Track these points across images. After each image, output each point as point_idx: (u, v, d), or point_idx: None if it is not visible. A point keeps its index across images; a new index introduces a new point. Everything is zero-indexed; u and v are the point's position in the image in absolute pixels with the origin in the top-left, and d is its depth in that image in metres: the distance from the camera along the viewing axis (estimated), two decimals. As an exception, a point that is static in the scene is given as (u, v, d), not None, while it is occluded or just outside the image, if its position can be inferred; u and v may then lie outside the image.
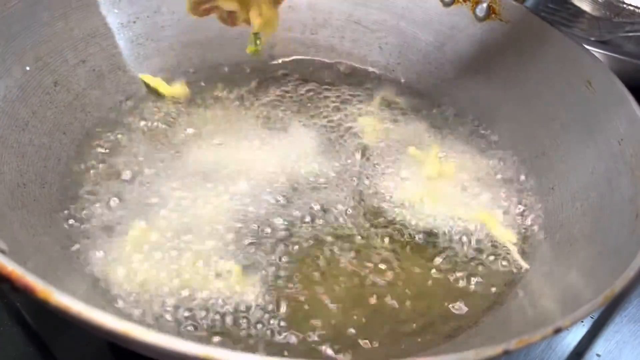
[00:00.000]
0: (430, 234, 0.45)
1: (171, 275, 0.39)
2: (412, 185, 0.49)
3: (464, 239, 0.45)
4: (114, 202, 0.44)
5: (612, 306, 0.49)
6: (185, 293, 0.39)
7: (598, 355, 0.46)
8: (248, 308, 0.38)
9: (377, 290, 0.41)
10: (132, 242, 0.41)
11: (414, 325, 0.39)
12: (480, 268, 0.43)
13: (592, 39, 0.74)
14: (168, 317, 0.37)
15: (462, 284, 0.42)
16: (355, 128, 0.54)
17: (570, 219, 0.44)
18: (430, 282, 0.42)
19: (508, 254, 0.44)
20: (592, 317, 0.48)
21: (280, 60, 0.61)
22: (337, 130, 0.54)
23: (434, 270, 0.43)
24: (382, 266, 0.42)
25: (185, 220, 0.43)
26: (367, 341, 0.38)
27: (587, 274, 0.38)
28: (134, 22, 0.56)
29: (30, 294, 0.25)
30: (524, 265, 0.43)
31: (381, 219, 0.46)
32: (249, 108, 0.55)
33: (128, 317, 0.37)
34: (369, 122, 0.55)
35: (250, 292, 0.39)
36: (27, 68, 0.47)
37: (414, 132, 0.54)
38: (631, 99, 0.45)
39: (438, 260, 0.43)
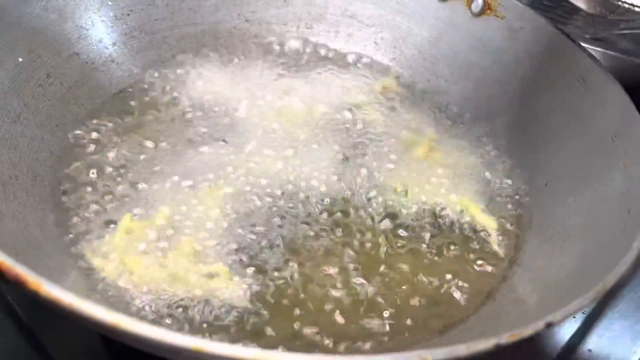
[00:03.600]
0: (414, 225, 0.45)
1: (162, 269, 0.39)
2: (399, 170, 0.49)
3: (454, 229, 0.45)
4: (106, 195, 0.44)
5: (603, 301, 0.49)
6: (176, 288, 0.38)
7: (589, 350, 0.46)
8: (234, 308, 0.38)
9: (364, 287, 0.41)
10: (124, 236, 0.41)
11: (405, 321, 0.39)
12: (472, 263, 0.43)
13: (587, 36, 0.74)
14: (158, 310, 0.37)
15: (452, 279, 0.42)
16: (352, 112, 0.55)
17: (563, 215, 0.44)
18: (420, 276, 0.42)
19: (498, 246, 0.45)
20: (583, 313, 0.48)
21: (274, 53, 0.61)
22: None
23: (423, 264, 0.43)
24: (369, 263, 0.42)
25: (178, 217, 0.43)
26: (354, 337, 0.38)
27: (580, 269, 0.38)
28: (128, 14, 0.56)
29: (21, 285, 0.25)
30: (501, 253, 0.44)
31: (368, 208, 0.46)
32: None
33: (119, 309, 0.37)
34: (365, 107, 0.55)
35: (237, 292, 0.39)
36: (20, 60, 0.46)
37: (406, 123, 0.54)
38: (625, 95, 0.45)
39: (427, 254, 0.44)
